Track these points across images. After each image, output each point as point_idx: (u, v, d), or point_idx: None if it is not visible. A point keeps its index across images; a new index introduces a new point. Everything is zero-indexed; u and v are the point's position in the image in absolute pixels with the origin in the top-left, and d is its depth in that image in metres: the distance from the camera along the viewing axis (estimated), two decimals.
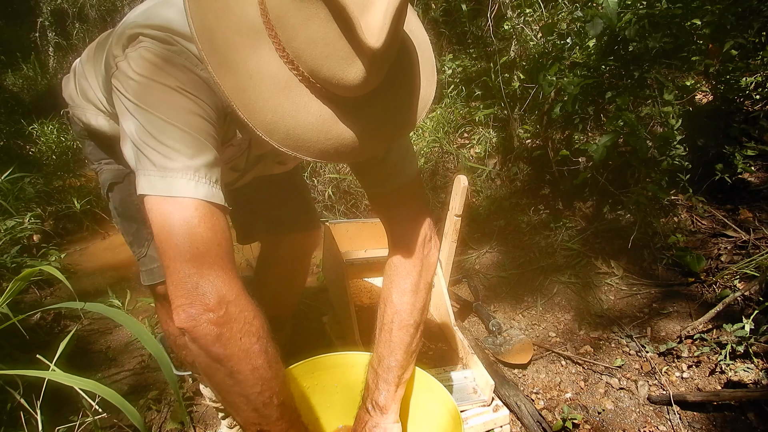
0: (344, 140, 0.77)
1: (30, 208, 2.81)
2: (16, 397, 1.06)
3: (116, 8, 5.93)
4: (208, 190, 0.77)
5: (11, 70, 5.80)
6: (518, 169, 2.90)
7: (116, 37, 0.88)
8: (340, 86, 0.72)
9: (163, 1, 0.88)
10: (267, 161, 1.20)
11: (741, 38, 2.19)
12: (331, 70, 0.71)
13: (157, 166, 0.77)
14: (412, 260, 1.09)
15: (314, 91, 0.74)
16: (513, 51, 2.98)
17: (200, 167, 0.77)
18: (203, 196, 0.77)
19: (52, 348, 0.93)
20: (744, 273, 2.00)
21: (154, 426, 1.60)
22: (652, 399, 1.68)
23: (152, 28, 0.83)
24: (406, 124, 0.86)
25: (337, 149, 0.77)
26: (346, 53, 0.69)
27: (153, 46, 0.81)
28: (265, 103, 0.73)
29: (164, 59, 0.80)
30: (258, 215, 1.51)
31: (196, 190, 0.76)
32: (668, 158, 2.15)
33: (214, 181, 0.79)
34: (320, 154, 0.77)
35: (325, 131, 0.76)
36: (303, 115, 0.74)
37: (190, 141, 0.78)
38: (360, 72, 0.71)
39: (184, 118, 0.79)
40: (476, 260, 2.50)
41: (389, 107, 0.82)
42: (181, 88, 0.79)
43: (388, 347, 1.07)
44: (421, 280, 1.10)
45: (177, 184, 0.76)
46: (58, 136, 4.07)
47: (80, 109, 1.18)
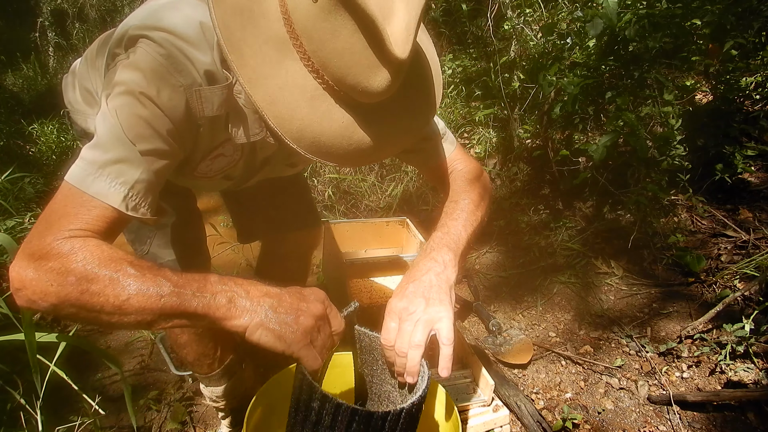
0: (364, 145, 0.81)
1: (30, 208, 2.81)
2: (16, 397, 1.06)
3: (116, 8, 5.93)
4: (102, 186, 0.78)
5: (11, 70, 5.80)
6: (518, 169, 2.90)
7: (117, 38, 0.88)
8: (365, 94, 0.76)
9: (168, 4, 0.88)
10: (276, 164, 1.19)
11: (741, 38, 2.19)
12: (356, 79, 0.74)
13: (78, 156, 0.80)
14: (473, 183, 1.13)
15: (337, 99, 0.78)
16: (513, 51, 2.98)
17: (106, 166, 0.78)
18: (93, 192, 0.77)
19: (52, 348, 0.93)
20: (744, 273, 2.00)
21: (154, 426, 1.60)
22: (652, 399, 1.68)
23: (154, 29, 0.83)
24: (419, 125, 0.90)
25: (359, 154, 0.81)
26: (371, 62, 0.73)
27: (150, 50, 0.82)
28: (293, 113, 0.76)
29: (153, 65, 0.82)
30: (259, 214, 1.51)
31: (91, 184, 0.77)
32: (668, 158, 2.15)
33: (120, 182, 0.79)
34: (342, 159, 0.81)
35: (348, 137, 0.79)
36: (327, 123, 0.78)
37: (122, 149, 0.80)
38: (385, 80, 0.74)
39: (136, 130, 0.80)
40: (476, 260, 2.50)
41: (403, 110, 0.85)
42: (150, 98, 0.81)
43: (462, 222, 1.08)
44: (485, 197, 1.14)
45: (79, 174, 0.78)
46: (58, 136, 4.07)
47: (81, 115, 1.18)
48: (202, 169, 1.06)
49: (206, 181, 1.13)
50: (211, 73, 0.86)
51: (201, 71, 0.85)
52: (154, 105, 0.82)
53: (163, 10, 0.87)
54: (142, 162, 0.81)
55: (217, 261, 2.51)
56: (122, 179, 0.79)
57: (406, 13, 0.72)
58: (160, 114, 0.83)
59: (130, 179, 0.80)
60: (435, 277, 1.02)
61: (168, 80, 0.83)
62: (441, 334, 0.92)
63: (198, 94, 0.86)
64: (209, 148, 1.00)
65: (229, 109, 0.91)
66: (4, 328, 1.62)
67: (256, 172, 1.19)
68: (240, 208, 1.56)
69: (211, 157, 1.03)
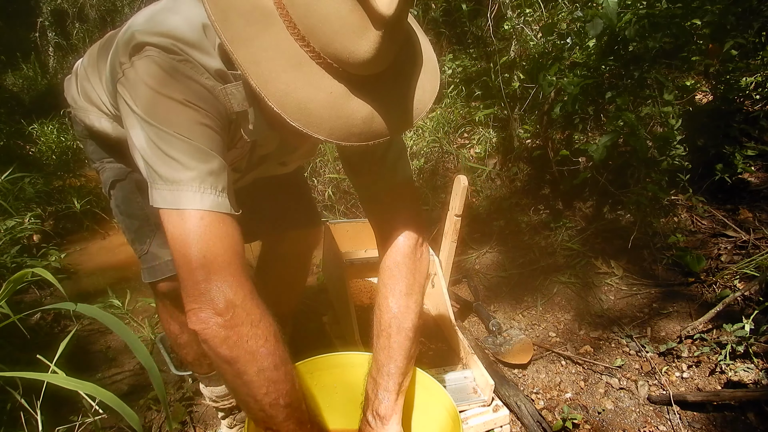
0: (354, 120, 0.78)
1: (30, 208, 2.81)
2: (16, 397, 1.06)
3: (116, 8, 5.93)
4: (213, 199, 0.81)
5: (11, 70, 5.80)
6: (518, 169, 2.90)
7: (122, 43, 0.87)
8: (352, 60, 0.74)
9: (168, 8, 0.88)
10: (270, 162, 1.20)
11: (741, 38, 2.19)
12: (343, 44, 0.72)
13: (164, 179, 0.81)
14: (405, 263, 1.08)
15: (326, 68, 0.76)
16: (513, 51, 2.98)
17: (205, 178, 0.81)
18: (209, 207, 0.81)
19: (52, 348, 0.93)
20: (744, 273, 2.00)
21: (154, 426, 1.60)
22: (652, 399, 1.68)
23: (159, 35, 0.83)
24: (413, 112, 0.87)
25: (348, 129, 0.78)
26: (358, 26, 0.71)
27: (159, 57, 0.82)
28: (278, 76, 0.74)
29: (170, 70, 0.82)
30: (259, 213, 1.51)
31: (202, 201, 0.80)
32: (668, 158, 2.15)
33: (220, 189, 0.82)
34: (330, 132, 0.77)
35: (337, 108, 0.77)
36: (314, 91, 0.75)
37: (195, 152, 0.81)
38: (372, 44, 0.72)
39: (190, 129, 0.81)
40: (476, 260, 2.50)
41: (397, 94, 0.83)
42: (186, 100, 0.82)
43: (387, 353, 1.06)
44: (415, 283, 1.09)
45: (184, 196, 0.80)
46: (58, 136, 4.07)
47: (83, 111, 1.18)
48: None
49: None
50: (222, 72, 0.87)
51: (213, 72, 0.86)
52: (202, 109, 0.83)
53: (164, 14, 0.87)
54: (223, 164, 0.84)
55: None
56: (221, 186, 0.83)
57: None
58: (210, 115, 0.85)
59: (225, 184, 0.84)
60: None
61: (199, 82, 0.83)
62: None
63: (224, 91, 0.87)
64: (233, 142, 1.01)
65: (230, 109, 0.91)
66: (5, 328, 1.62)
67: (251, 169, 1.19)
68: (240, 208, 1.55)
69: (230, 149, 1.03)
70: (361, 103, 0.78)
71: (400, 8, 0.71)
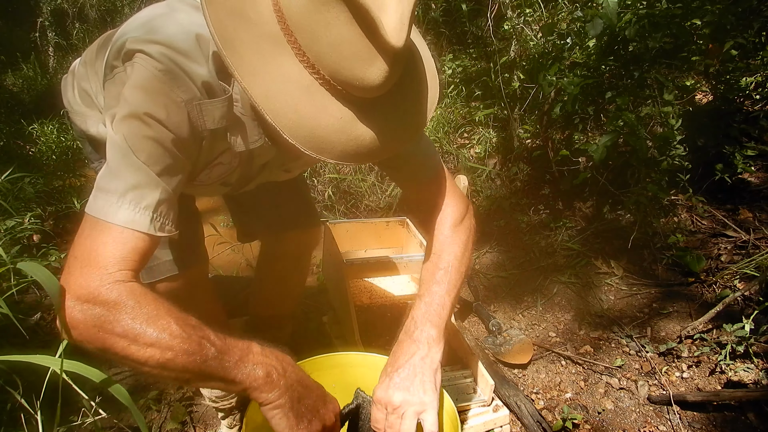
0: (364, 141, 0.79)
1: (30, 208, 2.81)
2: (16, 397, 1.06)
3: (116, 8, 5.93)
4: (126, 215, 0.80)
5: (11, 70, 5.80)
6: (518, 169, 2.90)
7: (116, 48, 0.88)
8: (361, 87, 0.75)
9: (164, 14, 0.88)
10: (272, 169, 1.20)
11: (741, 38, 2.19)
12: (352, 71, 0.73)
13: (96, 186, 0.82)
14: (454, 235, 1.11)
15: (334, 93, 0.76)
16: (513, 51, 2.98)
17: (126, 192, 0.80)
18: (120, 222, 0.79)
19: (52, 348, 0.93)
20: (744, 273, 2.00)
21: (154, 426, 1.60)
22: (652, 399, 1.68)
23: (150, 43, 0.83)
24: (418, 124, 0.89)
25: (357, 150, 0.79)
26: (366, 54, 0.72)
27: (145, 67, 0.82)
28: (289, 107, 0.74)
29: (154, 82, 0.82)
30: (259, 214, 1.51)
31: (115, 214, 0.79)
32: (668, 158, 2.15)
33: (143, 207, 0.81)
34: (342, 155, 0.79)
35: (346, 132, 0.78)
36: (324, 117, 0.76)
37: (129, 166, 0.81)
38: (381, 72, 0.73)
39: (136, 143, 0.82)
40: (476, 260, 2.50)
41: (401, 107, 0.84)
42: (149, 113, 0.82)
43: (445, 286, 1.07)
44: (467, 249, 1.12)
45: (100, 205, 0.80)
46: (58, 136, 4.07)
47: (79, 116, 1.18)
48: (201, 178, 1.06)
49: (204, 188, 1.14)
50: (209, 85, 0.87)
51: (199, 84, 0.85)
52: (159, 124, 0.83)
53: (159, 20, 0.87)
54: (159, 182, 0.83)
55: (217, 261, 2.51)
56: (144, 203, 0.81)
57: (399, 4, 0.71)
58: (166, 132, 0.84)
59: (152, 201, 0.82)
60: (420, 362, 1.03)
61: (169, 96, 0.83)
62: (425, 424, 0.97)
63: (198, 107, 0.87)
64: (209, 159, 1.01)
65: (228, 119, 0.91)
66: (4, 328, 1.62)
67: (253, 177, 1.19)
68: (240, 208, 1.56)
69: (210, 166, 1.03)
70: (369, 124, 0.79)
71: (408, 37, 0.72)
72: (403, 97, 0.84)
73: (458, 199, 1.13)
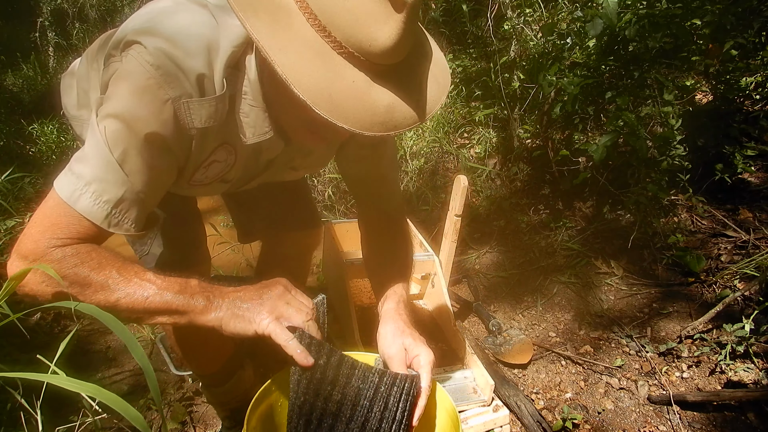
0: (377, 108, 0.79)
1: (30, 208, 2.81)
2: (16, 397, 1.06)
3: (116, 8, 5.92)
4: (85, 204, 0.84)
5: (11, 70, 5.80)
6: (518, 169, 2.90)
7: (116, 39, 0.89)
8: (374, 48, 0.75)
9: (167, 11, 0.88)
10: (279, 167, 1.19)
11: (741, 38, 2.19)
12: (365, 32, 0.74)
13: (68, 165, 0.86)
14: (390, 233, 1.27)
15: (347, 58, 0.77)
16: (513, 51, 2.98)
17: (90, 182, 0.84)
18: (79, 208, 0.84)
19: (52, 348, 0.93)
20: (744, 273, 2.00)
21: (154, 426, 1.60)
22: (652, 399, 1.68)
23: (149, 35, 0.83)
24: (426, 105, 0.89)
25: (371, 118, 0.79)
26: (379, 13, 0.73)
27: (140, 59, 0.83)
28: (306, 69, 0.75)
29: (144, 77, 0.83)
30: (259, 214, 1.51)
31: (77, 201, 0.84)
32: (668, 158, 2.15)
33: (103, 199, 0.84)
34: (355, 122, 0.78)
35: (360, 98, 0.78)
36: (339, 82, 0.77)
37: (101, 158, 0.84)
38: (394, 30, 0.74)
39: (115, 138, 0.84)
40: (476, 260, 2.50)
41: (413, 85, 0.85)
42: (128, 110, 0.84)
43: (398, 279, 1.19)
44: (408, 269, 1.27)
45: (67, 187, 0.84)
46: (58, 136, 4.07)
47: (77, 121, 1.18)
48: (198, 178, 1.06)
49: (203, 188, 1.14)
50: (202, 80, 0.86)
51: (192, 79, 0.85)
52: (141, 125, 0.84)
53: (161, 16, 0.87)
54: (125, 181, 0.85)
55: (217, 261, 2.51)
56: (105, 197, 0.84)
57: None
58: (148, 130, 0.84)
59: (113, 198, 0.85)
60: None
61: (156, 94, 0.83)
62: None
63: (186, 106, 0.87)
64: (202, 158, 1.00)
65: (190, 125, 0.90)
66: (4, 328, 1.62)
67: (257, 174, 1.19)
68: (240, 208, 1.56)
69: (204, 165, 1.03)
70: (382, 91, 0.79)
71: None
72: (414, 75, 0.85)
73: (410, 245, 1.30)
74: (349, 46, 0.76)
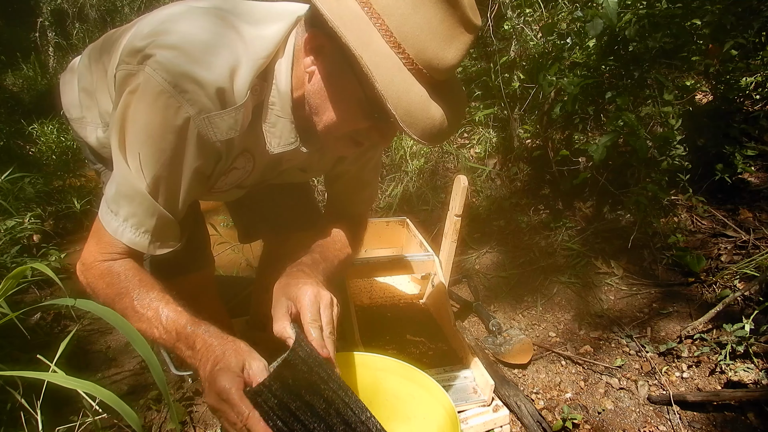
0: (435, 120, 0.85)
1: (30, 208, 2.81)
2: (16, 397, 1.06)
3: (116, 8, 5.92)
4: (129, 237, 0.93)
5: (11, 70, 5.80)
6: (518, 169, 2.90)
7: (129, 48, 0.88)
8: (441, 65, 0.82)
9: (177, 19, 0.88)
10: (291, 171, 1.20)
11: (741, 38, 2.19)
12: (435, 50, 0.80)
13: (108, 199, 0.94)
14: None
15: (415, 73, 0.83)
16: (513, 51, 2.98)
17: (128, 218, 0.92)
18: (125, 242, 0.94)
19: (52, 348, 0.93)
20: (744, 273, 2.00)
21: (154, 426, 1.60)
22: (652, 399, 1.68)
23: (164, 48, 0.84)
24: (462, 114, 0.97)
25: (431, 129, 0.85)
26: (449, 33, 0.80)
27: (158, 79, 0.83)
28: (391, 80, 0.80)
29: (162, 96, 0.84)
30: (261, 214, 1.51)
31: (122, 235, 0.93)
32: (668, 158, 2.15)
33: (142, 231, 0.93)
34: (422, 132, 0.84)
35: (425, 110, 0.84)
36: (412, 94, 0.82)
37: (137, 203, 0.91)
38: (459, 51, 0.82)
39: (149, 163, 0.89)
40: (476, 260, 2.50)
41: (453, 97, 0.90)
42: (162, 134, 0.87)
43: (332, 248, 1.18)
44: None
45: (111, 223, 0.93)
46: (58, 136, 4.07)
47: (78, 122, 1.18)
48: (218, 186, 1.07)
49: (221, 194, 1.14)
50: (222, 92, 0.86)
51: (211, 92, 0.85)
52: (167, 142, 0.86)
53: (177, 24, 0.87)
54: (155, 209, 0.92)
55: (217, 261, 2.49)
56: (143, 229, 0.93)
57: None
58: (174, 151, 0.87)
59: (151, 227, 0.93)
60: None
61: (177, 113, 0.85)
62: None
63: (207, 121, 0.88)
64: (226, 167, 1.01)
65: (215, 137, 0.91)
66: (4, 328, 1.62)
67: (272, 179, 1.19)
68: (241, 209, 1.56)
69: (226, 172, 1.03)
70: (437, 106, 0.85)
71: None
72: (452, 87, 0.90)
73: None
74: (419, 62, 0.81)
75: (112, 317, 0.78)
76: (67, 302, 0.80)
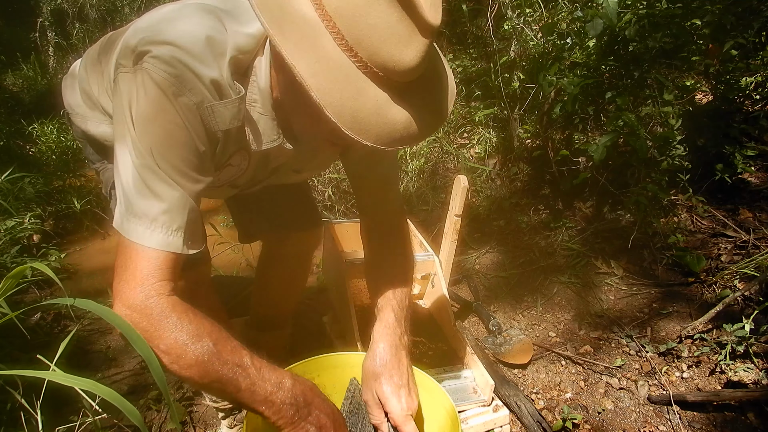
0: (396, 125, 0.81)
1: (30, 208, 2.81)
2: (16, 397, 1.06)
3: (116, 8, 5.92)
4: (161, 239, 0.86)
5: (11, 70, 5.80)
6: (518, 169, 2.90)
7: (125, 47, 0.88)
8: (398, 68, 0.77)
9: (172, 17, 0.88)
10: (284, 171, 1.20)
11: (741, 38, 2.19)
12: (390, 52, 0.76)
13: (125, 207, 0.87)
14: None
15: (370, 76, 0.79)
16: (513, 51, 2.98)
17: (157, 217, 0.86)
18: (155, 245, 0.86)
19: (52, 348, 0.93)
20: (744, 273, 2.00)
21: (154, 426, 1.60)
22: (652, 399, 1.68)
23: (159, 44, 0.84)
24: (441, 114, 0.92)
25: (391, 135, 0.82)
26: (405, 35, 0.75)
27: (159, 71, 0.83)
28: (333, 87, 0.76)
29: (165, 87, 0.84)
30: (261, 214, 1.51)
31: (150, 238, 0.86)
32: (668, 158, 2.15)
33: (174, 228, 0.87)
34: (377, 138, 0.81)
35: (381, 115, 0.80)
36: (363, 99, 0.78)
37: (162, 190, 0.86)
38: (417, 52, 0.77)
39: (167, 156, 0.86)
40: (476, 260, 2.50)
41: (427, 97, 0.87)
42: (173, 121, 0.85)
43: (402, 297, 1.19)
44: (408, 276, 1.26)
45: (134, 229, 0.86)
46: (58, 136, 4.07)
47: (80, 117, 1.18)
48: (212, 181, 1.07)
49: (214, 190, 1.14)
50: (218, 85, 0.87)
51: (208, 84, 0.86)
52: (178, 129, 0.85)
53: (168, 22, 0.87)
54: (186, 201, 0.88)
55: (217, 261, 2.51)
56: (175, 226, 0.87)
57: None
58: (185, 139, 0.86)
59: (182, 223, 0.88)
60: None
61: (181, 102, 0.84)
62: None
63: (210, 110, 0.88)
64: (222, 161, 1.01)
65: (244, 119, 0.92)
66: (4, 328, 1.62)
67: (263, 179, 1.19)
68: (241, 209, 1.56)
69: (221, 168, 1.04)
70: (400, 109, 0.81)
71: (441, 17, 0.77)
72: (428, 87, 0.87)
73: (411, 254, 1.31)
74: (374, 65, 0.77)
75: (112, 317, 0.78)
76: (67, 302, 0.80)
